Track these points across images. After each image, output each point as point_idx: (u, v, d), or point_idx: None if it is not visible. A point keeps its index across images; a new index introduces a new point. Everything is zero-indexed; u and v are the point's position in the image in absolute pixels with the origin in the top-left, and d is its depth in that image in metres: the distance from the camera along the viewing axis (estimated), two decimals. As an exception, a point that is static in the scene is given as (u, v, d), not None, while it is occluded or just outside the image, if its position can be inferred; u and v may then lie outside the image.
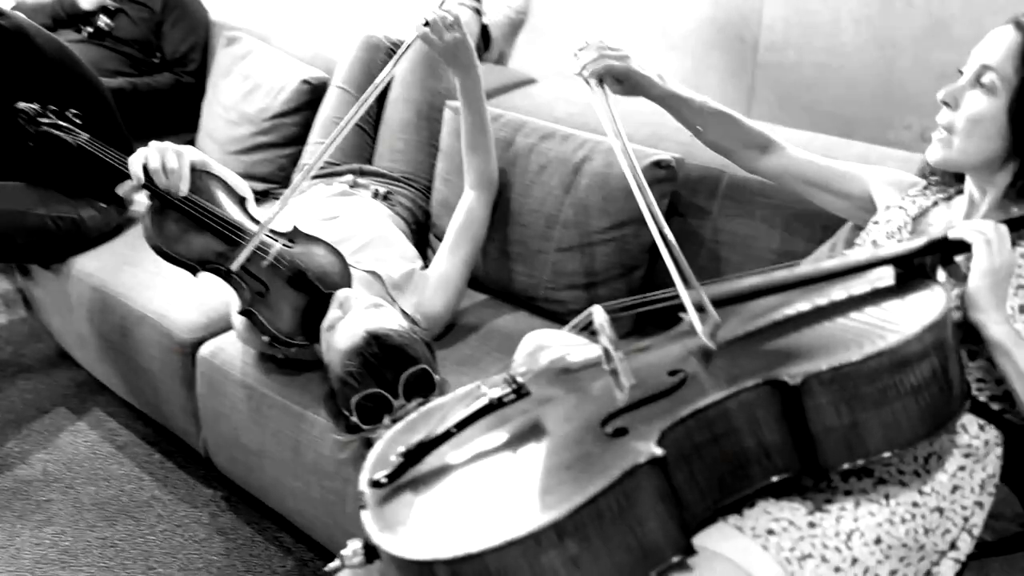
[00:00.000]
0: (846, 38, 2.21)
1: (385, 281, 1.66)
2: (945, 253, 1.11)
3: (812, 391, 0.96)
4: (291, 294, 1.53)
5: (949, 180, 1.28)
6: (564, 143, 1.81)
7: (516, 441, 1.04)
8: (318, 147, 2.16)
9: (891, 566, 1.04)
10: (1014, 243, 1.12)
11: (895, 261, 1.12)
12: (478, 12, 2.54)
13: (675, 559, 0.93)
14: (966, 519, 1.10)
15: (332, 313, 1.46)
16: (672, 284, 1.10)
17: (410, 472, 1.03)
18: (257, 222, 1.58)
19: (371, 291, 1.63)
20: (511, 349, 1.35)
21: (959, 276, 1.07)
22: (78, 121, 1.84)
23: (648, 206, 1.17)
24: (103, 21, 2.61)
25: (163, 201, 1.51)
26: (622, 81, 1.41)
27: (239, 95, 2.45)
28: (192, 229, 1.51)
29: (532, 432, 1.04)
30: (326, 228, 1.73)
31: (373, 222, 1.79)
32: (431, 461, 1.03)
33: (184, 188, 1.51)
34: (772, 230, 1.64)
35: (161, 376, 1.86)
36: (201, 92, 2.62)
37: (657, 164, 1.68)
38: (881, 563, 1.03)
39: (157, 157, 1.49)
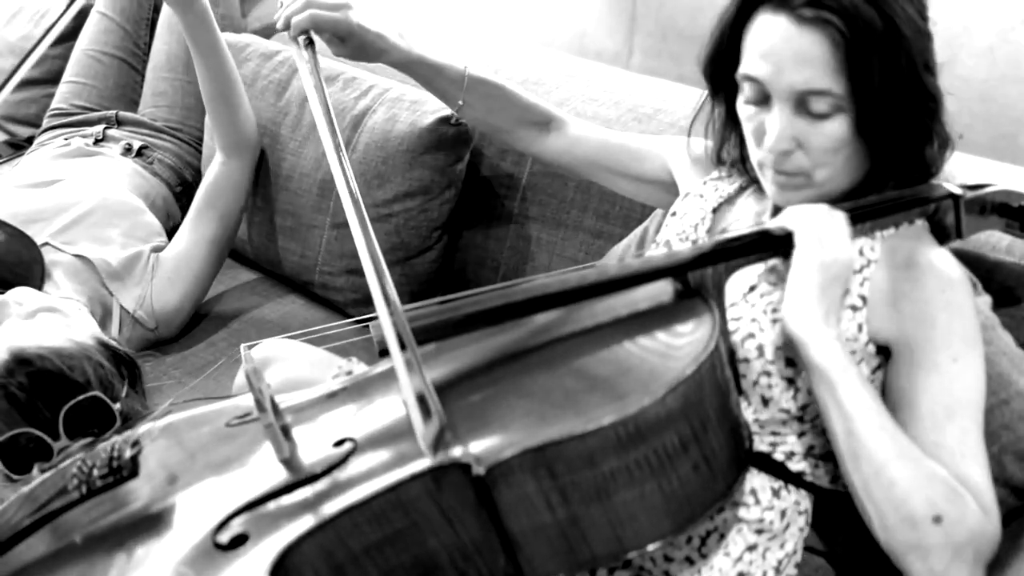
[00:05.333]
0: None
1: (99, 268, 1.30)
2: (777, 250, 0.82)
3: (508, 480, 0.68)
4: None
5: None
6: (346, 89, 1.46)
7: (127, 540, 0.74)
8: (72, 87, 1.76)
9: None
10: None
11: (667, 272, 0.83)
12: None
13: None
14: (754, 614, 0.84)
15: None
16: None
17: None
18: None
19: (79, 283, 1.28)
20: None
21: None
22: None
23: (354, 207, 0.87)
24: None
25: None
26: (344, 40, 1.05)
27: (3, 19, 2.04)
28: None
29: (153, 527, 0.74)
30: (28, 198, 1.36)
31: (102, 188, 1.42)
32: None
33: None
34: (587, 203, 1.34)
35: None
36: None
37: (446, 120, 1.35)
38: None
39: None
